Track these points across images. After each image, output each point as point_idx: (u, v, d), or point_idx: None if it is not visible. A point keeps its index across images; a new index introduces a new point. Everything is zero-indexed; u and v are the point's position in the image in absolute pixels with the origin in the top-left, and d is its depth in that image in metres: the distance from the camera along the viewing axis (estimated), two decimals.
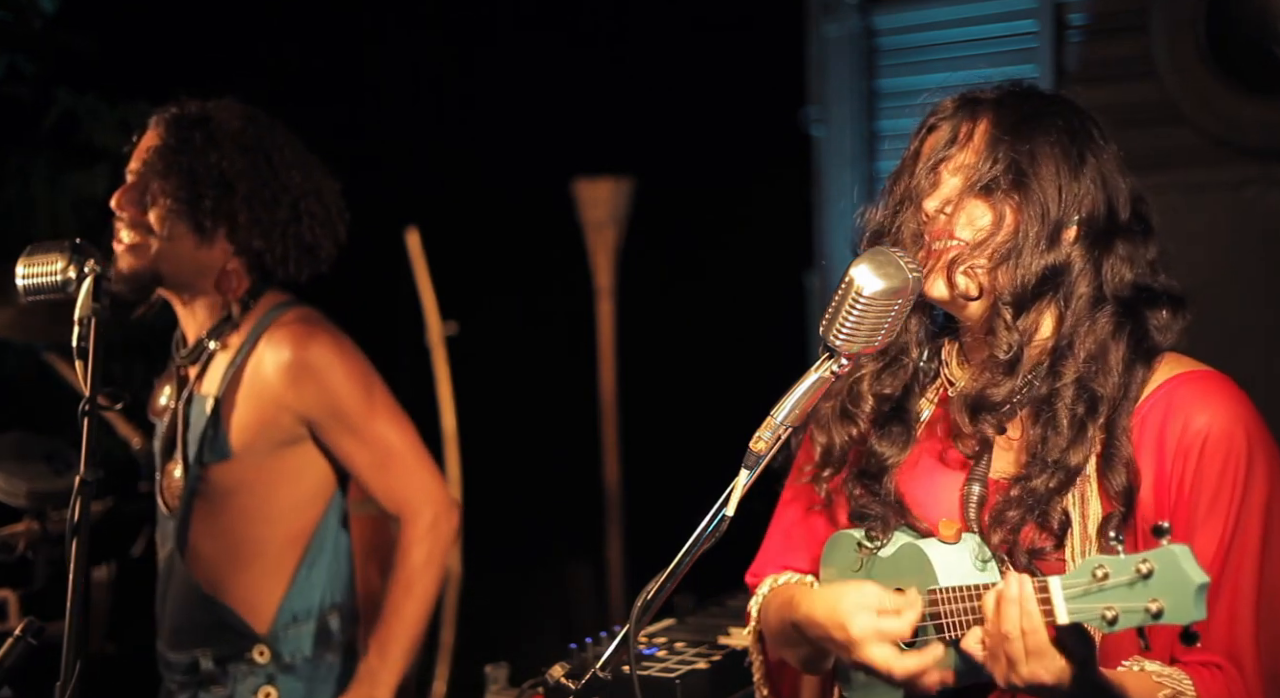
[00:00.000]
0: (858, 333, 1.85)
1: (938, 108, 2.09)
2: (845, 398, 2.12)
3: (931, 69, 3.94)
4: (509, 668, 2.78)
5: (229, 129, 2.82)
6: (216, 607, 2.84)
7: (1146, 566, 1.59)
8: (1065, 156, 1.98)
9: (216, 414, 2.82)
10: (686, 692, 2.54)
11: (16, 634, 2.23)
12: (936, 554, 1.95)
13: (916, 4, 3.95)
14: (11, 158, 4.44)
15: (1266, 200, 3.33)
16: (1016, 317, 1.96)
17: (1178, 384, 1.95)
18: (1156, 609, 1.58)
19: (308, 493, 2.89)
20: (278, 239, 2.84)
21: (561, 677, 2.02)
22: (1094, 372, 1.94)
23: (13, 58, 4.34)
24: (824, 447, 2.13)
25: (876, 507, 2.05)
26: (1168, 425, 1.91)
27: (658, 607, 1.93)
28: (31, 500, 3.14)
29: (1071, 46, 3.61)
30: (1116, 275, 1.97)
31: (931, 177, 2.01)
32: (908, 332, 2.09)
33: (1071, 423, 1.93)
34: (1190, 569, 1.57)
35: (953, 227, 1.97)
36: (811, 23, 4.14)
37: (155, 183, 2.79)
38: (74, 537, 2.26)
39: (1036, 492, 1.92)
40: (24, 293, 2.51)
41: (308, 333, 2.83)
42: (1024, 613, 1.72)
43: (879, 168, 4.09)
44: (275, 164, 2.84)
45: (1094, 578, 1.63)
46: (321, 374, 2.80)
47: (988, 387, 1.97)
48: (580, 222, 5.30)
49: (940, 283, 1.98)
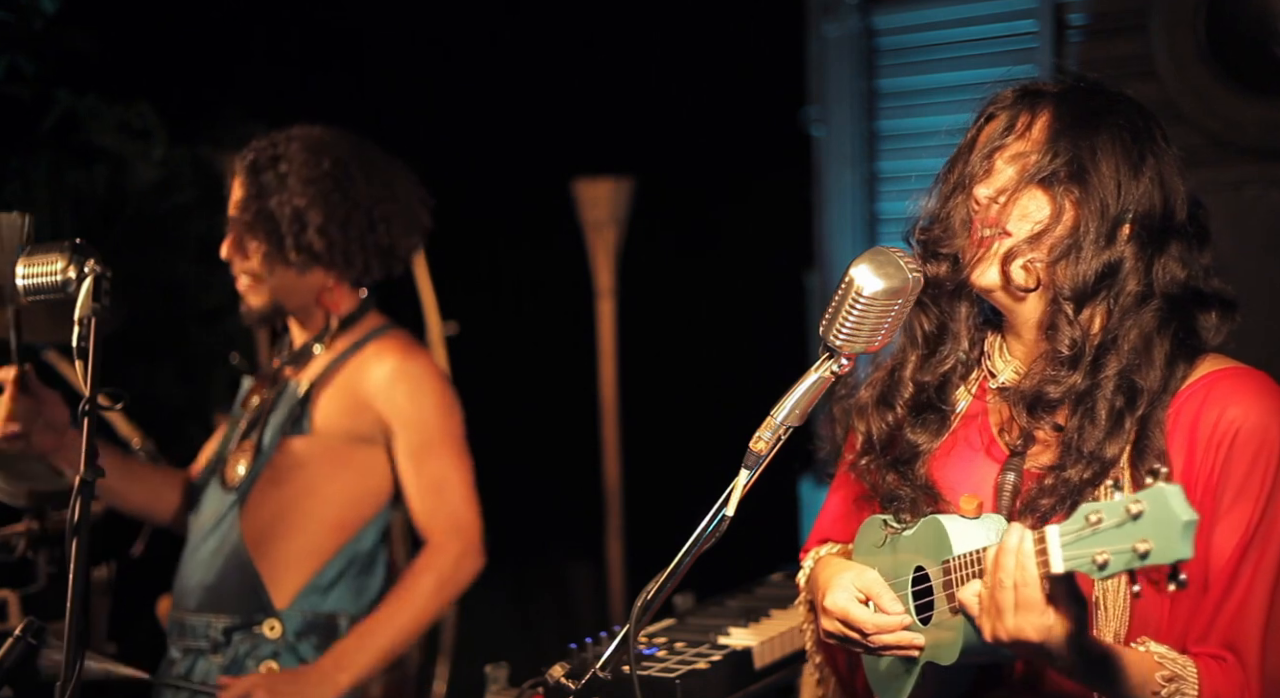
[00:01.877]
0: (858, 333, 1.85)
1: (997, 97, 2.08)
2: (886, 384, 2.12)
3: (931, 69, 3.94)
4: (509, 668, 2.78)
5: (294, 165, 3.00)
6: (249, 570, 2.96)
7: (1137, 506, 1.57)
8: (1126, 155, 1.97)
9: (308, 396, 3.03)
10: (686, 692, 2.54)
11: (16, 634, 2.23)
12: (955, 527, 1.95)
13: (916, 4, 3.95)
14: (11, 158, 4.44)
15: (1266, 200, 3.33)
16: (1078, 311, 1.96)
17: (1217, 379, 1.95)
18: (1144, 549, 1.56)
19: (364, 490, 3.04)
20: (356, 253, 3.03)
21: (561, 677, 2.02)
22: (1136, 364, 1.94)
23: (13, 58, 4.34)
24: (864, 435, 2.14)
25: (908, 491, 2.06)
26: (1202, 417, 1.92)
27: (658, 607, 1.94)
28: (31, 500, 3.14)
29: (1071, 46, 3.61)
30: (1168, 274, 1.98)
31: (986, 164, 2.01)
32: (957, 320, 2.09)
33: (1109, 415, 1.93)
34: (1178, 506, 1.55)
35: (1005, 217, 1.97)
36: (811, 23, 4.14)
37: (245, 233, 3.01)
38: (74, 537, 2.26)
39: (1070, 482, 1.92)
40: (24, 293, 2.51)
41: (415, 351, 3.08)
42: (1019, 565, 1.71)
43: (879, 168, 4.09)
44: (343, 183, 3.01)
45: (1088, 523, 1.61)
46: (416, 387, 3.01)
47: (1046, 382, 1.97)
48: (580, 222, 5.30)
49: (992, 272, 1.98)
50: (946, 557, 1.92)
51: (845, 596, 2.02)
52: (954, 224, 2.01)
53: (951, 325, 2.08)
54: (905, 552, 2.02)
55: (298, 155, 3.00)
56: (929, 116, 3.94)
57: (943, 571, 1.93)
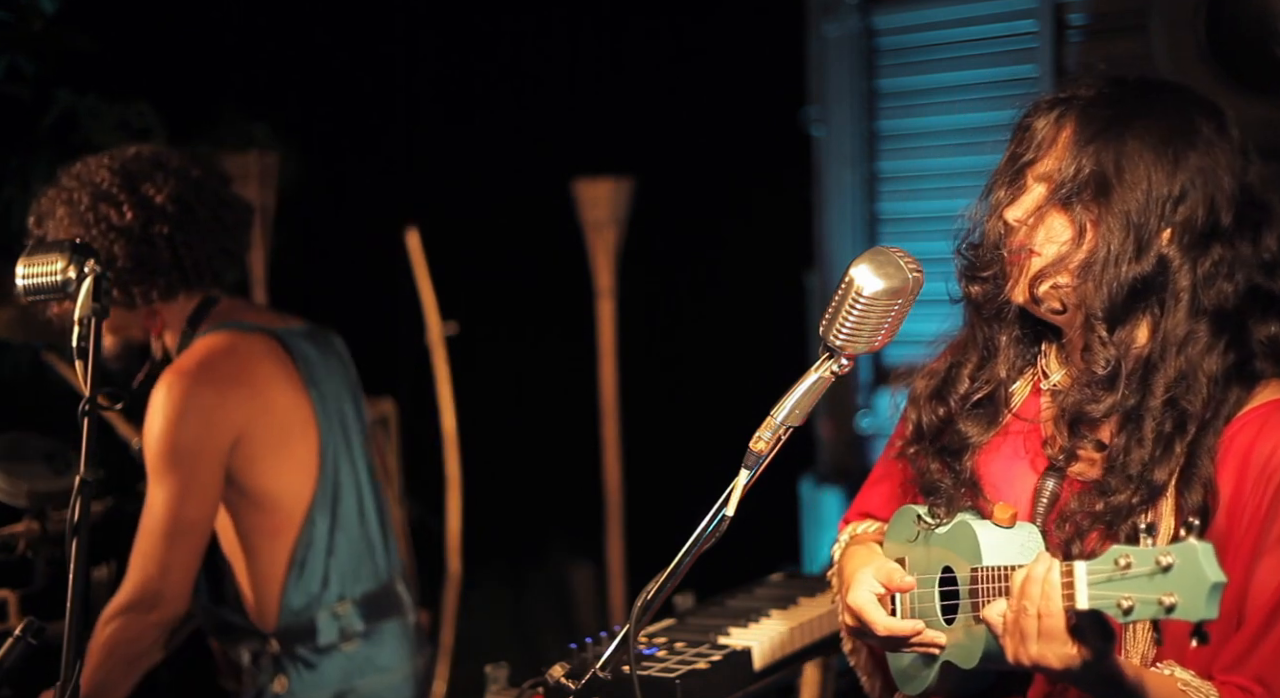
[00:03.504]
0: (858, 333, 1.85)
1: (1034, 105, 2.02)
2: (942, 379, 2.11)
3: (931, 69, 3.94)
4: (509, 668, 2.78)
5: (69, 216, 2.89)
6: (240, 600, 3.00)
7: (1167, 558, 1.56)
8: (1158, 158, 1.90)
9: None
10: (686, 692, 2.54)
11: (16, 634, 2.23)
12: (986, 535, 1.94)
13: (916, 4, 3.95)
14: (11, 158, 4.43)
15: None
16: (1112, 331, 1.91)
17: (1275, 409, 1.89)
18: (1170, 604, 1.56)
19: (261, 496, 2.96)
20: (160, 279, 2.90)
21: (561, 677, 2.02)
22: (1184, 389, 1.88)
23: (12, 58, 4.34)
24: (915, 423, 2.12)
25: (949, 483, 2.05)
26: (1255, 448, 1.87)
27: (658, 607, 1.94)
28: (31, 500, 3.14)
29: (1071, 46, 3.61)
30: (1212, 285, 1.90)
31: (1015, 185, 1.98)
32: (1000, 340, 2.06)
33: (1158, 439, 1.88)
34: (1208, 567, 1.54)
35: (1032, 240, 1.94)
36: (811, 23, 4.14)
37: None
38: (74, 537, 2.26)
39: (1116, 506, 1.89)
40: (24, 293, 2.51)
41: (169, 375, 2.88)
42: (1044, 595, 1.70)
43: (879, 168, 4.09)
44: (128, 209, 2.86)
45: (1117, 566, 1.61)
46: (149, 414, 2.85)
47: (1087, 402, 1.93)
48: (580, 222, 5.30)
49: (1019, 291, 1.97)
50: (975, 564, 1.92)
51: (865, 594, 2.02)
52: (986, 245, 2.00)
53: (997, 344, 2.06)
54: (937, 549, 2.03)
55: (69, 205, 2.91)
56: (929, 116, 3.94)
57: (970, 577, 1.93)
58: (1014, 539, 1.95)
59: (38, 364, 3.49)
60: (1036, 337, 2.08)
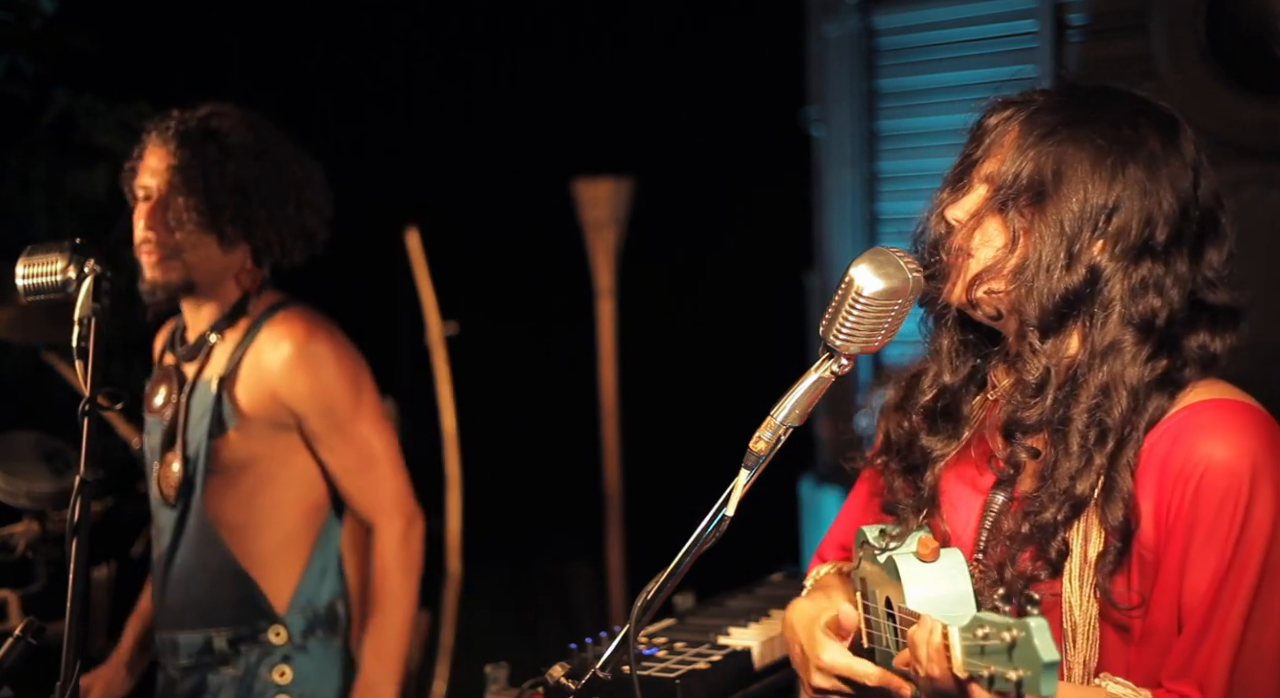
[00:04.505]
0: (857, 333, 1.84)
1: (989, 107, 2.00)
2: (905, 389, 2.09)
3: (931, 69, 3.94)
4: (509, 668, 2.78)
5: (238, 137, 2.92)
6: (244, 580, 2.91)
7: (1011, 634, 1.55)
8: (1095, 167, 1.87)
9: (222, 390, 2.91)
10: (686, 692, 2.54)
11: (16, 634, 2.23)
12: (909, 572, 1.93)
13: (916, 4, 3.95)
14: (11, 158, 4.44)
15: (1266, 200, 3.33)
16: (1044, 340, 1.90)
17: (1193, 413, 1.87)
18: (1017, 678, 1.54)
19: (317, 469, 2.98)
20: (286, 234, 2.96)
21: (561, 677, 2.02)
22: (1104, 402, 1.87)
23: (12, 57, 4.34)
24: (884, 435, 2.12)
25: (911, 500, 2.04)
26: (1172, 454, 1.85)
27: (658, 607, 1.93)
28: (31, 501, 3.14)
29: (1071, 46, 3.61)
30: (1140, 299, 1.88)
31: (959, 185, 1.97)
32: (951, 339, 2.05)
33: (1081, 451, 1.87)
34: (1041, 646, 1.52)
35: (969, 242, 1.93)
36: (811, 23, 4.14)
37: (179, 200, 2.87)
38: (74, 537, 2.26)
39: (1043, 524, 1.89)
40: (24, 293, 2.52)
41: (308, 329, 2.94)
42: (929, 659, 1.71)
43: (879, 168, 4.09)
44: (280, 163, 2.95)
45: (975, 636, 1.60)
46: (315, 369, 2.90)
47: (1019, 409, 1.92)
48: (580, 222, 5.30)
49: (956, 292, 1.95)
50: (902, 603, 1.91)
51: (837, 652, 1.99)
52: (926, 243, 1.99)
53: (940, 348, 2.06)
54: (871, 580, 2.02)
55: (238, 129, 2.93)
56: (929, 116, 3.94)
57: (898, 617, 1.92)
58: (934, 574, 1.93)
59: (38, 364, 3.49)
60: (981, 344, 2.05)
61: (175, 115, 2.94)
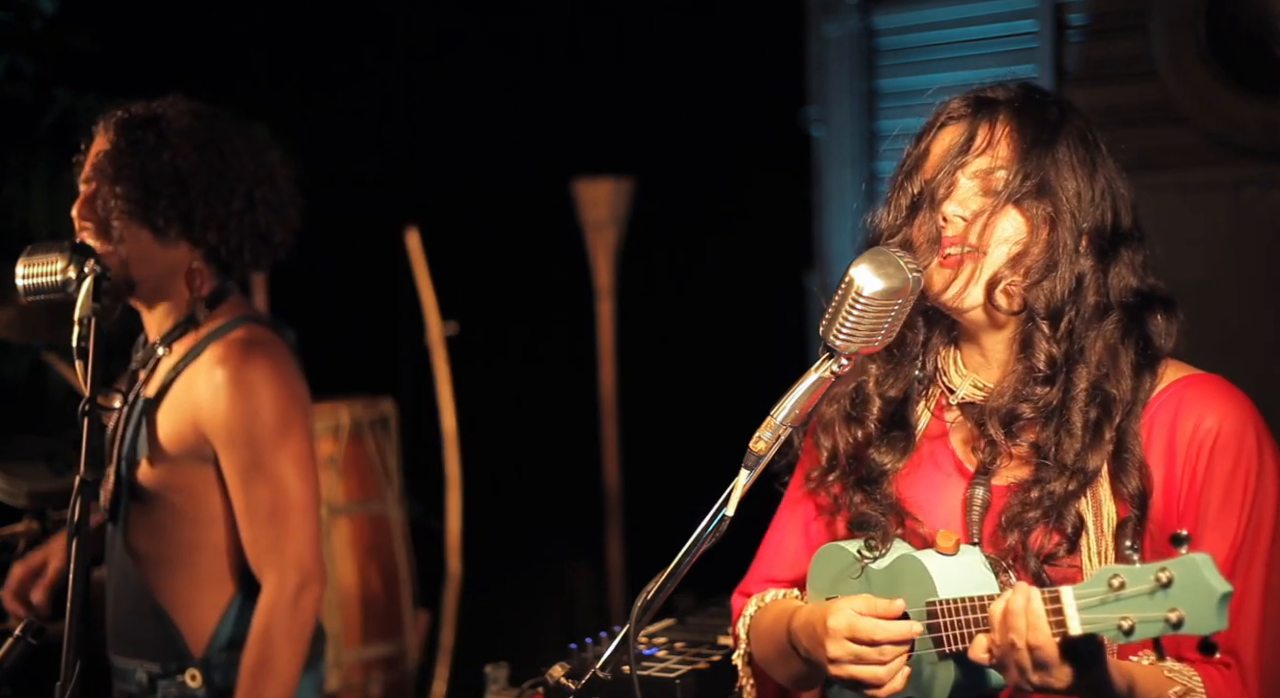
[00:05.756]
0: (857, 333, 1.85)
1: (947, 108, 2.07)
2: (851, 401, 2.10)
3: (931, 69, 3.94)
4: (509, 668, 2.78)
5: (179, 126, 2.74)
6: (160, 615, 2.72)
7: (1166, 574, 1.57)
8: (1082, 165, 1.97)
9: (145, 415, 2.73)
10: (686, 692, 2.54)
11: (16, 634, 2.24)
12: (935, 566, 1.92)
13: (916, 4, 3.95)
14: (11, 158, 4.44)
15: (1266, 200, 3.33)
16: (1054, 328, 1.95)
17: (1186, 386, 1.95)
18: (1177, 619, 1.56)
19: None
20: (233, 230, 2.74)
21: (561, 677, 2.02)
22: (1105, 374, 1.93)
23: (12, 57, 4.34)
24: (829, 451, 2.10)
25: (876, 514, 2.03)
26: (1178, 425, 1.91)
27: (658, 607, 1.93)
28: (31, 500, 3.14)
29: (1071, 46, 3.61)
30: (1122, 282, 1.97)
31: (949, 180, 1.98)
32: (916, 337, 2.06)
33: (1086, 427, 1.92)
34: (1212, 578, 1.55)
35: (985, 240, 1.94)
36: (811, 23, 4.14)
37: (107, 187, 2.69)
38: (74, 537, 2.26)
39: (1054, 494, 1.91)
40: (24, 293, 2.52)
41: (246, 353, 2.69)
42: (1030, 626, 1.69)
43: (879, 168, 4.09)
44: (226, 155, 2.75)
45: (1110, 588, 1.60)
46: (244, 397, 2.65)
47: (1021, 400, 1.96)
48: (580, 222, 5.30)
49: (975, 293, 1.96)
50: (931, 597, 1.90)
51: (848, 614, 1.90)
52: (919, 241, 1.98)
53: (910, 341, 2.06)
54: (880, 588, 1.98)
55: (181, 118, 2.74)
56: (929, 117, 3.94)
57: (927, 612, 1.90)
58: (962, 565, 1.93)
59: (38, 364, 3.50)
60: (934, 353, 2.07)
61: (122, 106, 2.78)
